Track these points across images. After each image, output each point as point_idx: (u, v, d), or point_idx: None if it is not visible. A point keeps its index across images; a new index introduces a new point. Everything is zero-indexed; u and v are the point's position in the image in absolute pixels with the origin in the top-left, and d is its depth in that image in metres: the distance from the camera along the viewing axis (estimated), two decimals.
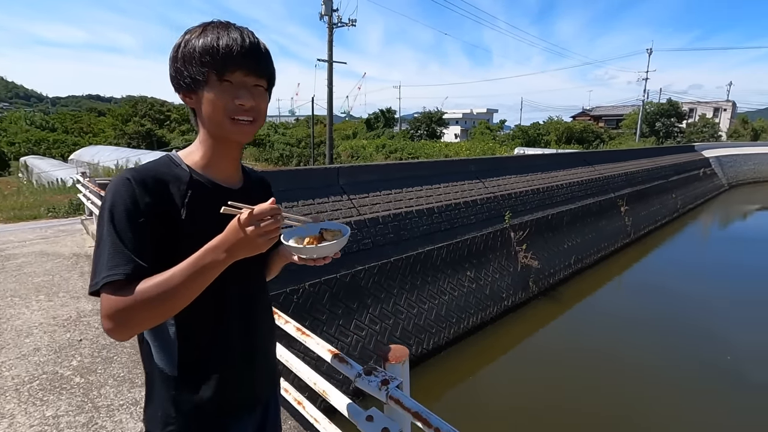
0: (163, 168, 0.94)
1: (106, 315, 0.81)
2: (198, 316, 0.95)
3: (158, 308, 0.81)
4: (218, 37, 0.89)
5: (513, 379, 8.05)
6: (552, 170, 14.62)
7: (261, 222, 0.80)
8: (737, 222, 23.61)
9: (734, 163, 35.05)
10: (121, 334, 0.83)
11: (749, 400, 7.18)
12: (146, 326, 0.87)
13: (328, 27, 17.12)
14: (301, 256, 1.02)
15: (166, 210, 0.89)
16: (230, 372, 1.01)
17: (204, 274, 0.81)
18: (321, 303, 7.37)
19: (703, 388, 7.56)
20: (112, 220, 0.85)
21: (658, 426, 6.59)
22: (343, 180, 8.84)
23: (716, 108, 55.03)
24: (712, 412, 6.88)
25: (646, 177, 20.93)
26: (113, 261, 0.82)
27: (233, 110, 0.91)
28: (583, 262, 13.55)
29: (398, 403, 1.07)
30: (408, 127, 48.85)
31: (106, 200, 0.87)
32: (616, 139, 40.00)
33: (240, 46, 0.89)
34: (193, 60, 0.89)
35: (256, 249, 0.83)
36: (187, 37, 0.92)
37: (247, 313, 1.04)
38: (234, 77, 0.90)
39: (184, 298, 0.82)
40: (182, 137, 37.49)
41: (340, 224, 1.05)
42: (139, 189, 0.86)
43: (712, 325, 9.98)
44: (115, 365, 2.89)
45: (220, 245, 0.81)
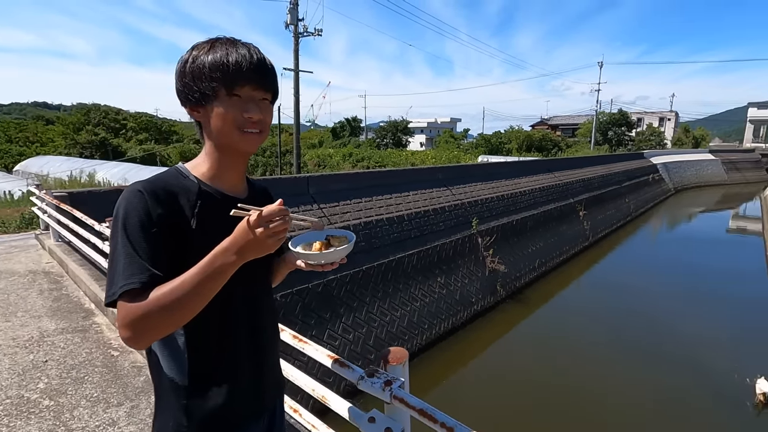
0: (172, 180, 0.97)
1: (123, 324, 0.82)
2: (207, 324, 0.97)
3: (174, 314, 0.83)
4: (227, 53, 0.92)
5: (485, 383, 8.24)
6: (515, 177, 15.17)
7: (270, 223, 0.82)
8: (683, 223, 25.28)
9: (679, 169, 37.57)
10: (139, 342, 0.84)
11: (685, 373, 7.72)
12: (163, 332, 0.88)
13: (293, 36, 17.07)
14: (309, 262, 1.06)
15: (177, 221, 0.92)
16: (240, 379, 1.03)
17: (216, 276, 0.83)
18: (293, 314, 7.28)
19: (653, 368, 8.06)
20: (125, 231, 0.87)
21: (614, 404, 6.98)
22: (313, 189, 8.82)
23: (661, 117, 58.93)
24: (657, 386, 7.34)
25: (602, 183, 22.08)
26: (129, 270, 0.84)
27: (242, 123, 0.94)
28: (546, 265, 14.08)
29: (403, 402, 1.13)
30: (374, 135, 49.18)
31: (119, 212, 0.89)
32: (572, 147, 41.94)
33: (249, 62, 0.93)
34: (202, 75, 0.92)
35: (265, 249, 0.85)
36: (195, 53, 0.94)
37: (253, 320, 1.07)
38: (243, 92, 0.93)
39: (197, 302, 0.84)
40: (140, 147, 35.96)
41: (346, 231, 1.10)
42: (151, 200, 0.89)
43: (661, 316, 10.65)
44: (88, 385, 2.77)
45: (230, 247, 0.83)
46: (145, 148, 34.64)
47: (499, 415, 7.04)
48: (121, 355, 3.22)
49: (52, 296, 4.46)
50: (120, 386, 2.78)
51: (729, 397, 7.48)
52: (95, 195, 6.39)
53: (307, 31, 17.16)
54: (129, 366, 3.05)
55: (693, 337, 9.68)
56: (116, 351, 3.28)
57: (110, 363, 3.09)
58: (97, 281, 4.47)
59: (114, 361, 3.13)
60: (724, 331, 9.93)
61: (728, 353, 8.86)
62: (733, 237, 22.19)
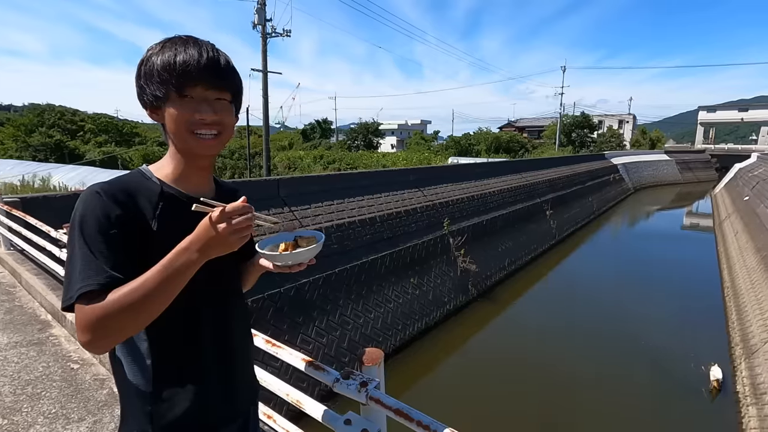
0: (134, 181, 0.95)
1: (82, 327, 0.79)
2: (170, 328, 0.94)
3: (134, 315, 0.80)
4: (176, 53, 0.89)
5: (459, 380, 8.35)
6: (484, 178, 15.48)
7: (232, 219, 0.81)
8: (642, 221, 26.53)
9: (637, 169, 39.41)
10: (99, 345, 0.82)
11: (645, 362, 8.10)
12: (123, 335, 0.85)
13: (261, 37, 16.79)
14: (276, 263, 1.04)
15: (138, 222, 0.89)
16: (207, 384, 1.00)
17: (177, 276, 0.81)
18: (265, 319, 7.15)
19: (615, 358, 8.41)
20: (82, 233, 0.84)
21: (580, 392, 7.23)
22: (284, 192, 8.70)
23: (621, 120, 61.67)
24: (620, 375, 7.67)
25: (567, 183, 22.86)
26: (85, 273, 0.81)
27: (194, 124, 0.92)
28: (516, 263, 14.44)
29: (379, 403, 1.12)
30: (345, 137, 49.01)
31: (76, 215, 0.86)
32: (538, 149, 43.20)
33: (197, 62, 0.89)
34: (153, 77, 0.90)
35: (228, 247, 0.83)
36: (148, 54, 0.92)
37: (222, 325, 1.04)
38: (194, 92, 0.91)
39: (158, 303, 0.81)
40: (99, 149, 34.37)
41: (315, 231, 1.09)
42: (110, 202, 0.86)
43: (623, 310, 11.13)
44: (45, 401, 2.61)
45: (191, 245, 0.82)
46: (105, 151, 33.14)
47: (474, 410, 7.15)
48: (82, 367, 3.06)
49: (3, 308, 4.19)
50: (81, 401, 2.64)
51: (686, 384, 7.90)
52: (51, 200, 6.06)
53: (276, 32, 16.92)
54: (90, 379, 2.90)
55: (652, 328, 10.15)
56: (76, 364, 3.12)
57: (70, 377, 2.93)
58: (53, 291, 4.23)
59: (74, 374, 2.97)
60: (680, 322, 10.47)
61: (685, 342, 9.35)
62: (688, 233, 23.49)
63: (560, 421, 7.01)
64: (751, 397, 6.92)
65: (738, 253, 14.29)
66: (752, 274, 11.62)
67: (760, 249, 12.87)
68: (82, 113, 44.73)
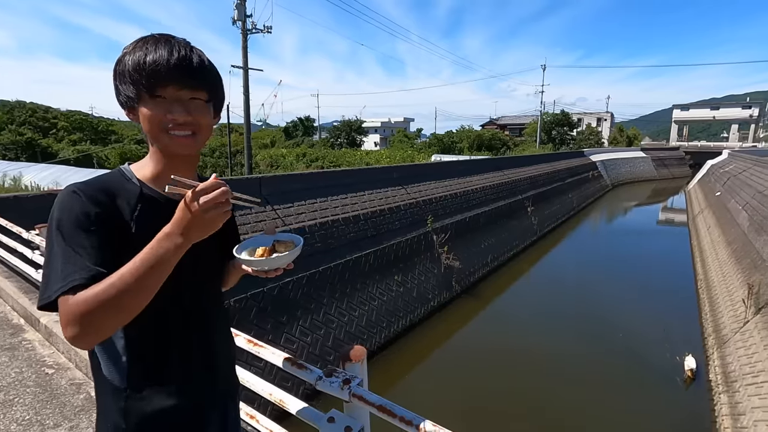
0: (113, 182, 0.93)
1: (67, 322, 0.78)
2: (147, 325, 0.93)
3: (120, 306, 0.79)
4: (146, 52, 0.88)
5: (443, 376, 8.43)
6: (467, 176, 15.62)
7: (207, 195, 0.80)
8: (620, 216, 27.20)
9: (615, 166, 40.34)
10: (86, 339, 0.80)
11: (623, 352, 8.35)
12: (111, 327, 0.83)
13: (242, 33, 16.53)
14: (254, 268, 1.04)
15: (116, 222, 0.88)
16: (184, 383, 1.00)
17: (162, 263, 0.80)
18: (248, 319, 7.07)
19: (595, 349, 8.63)
20: (61, 233, 0.82)
21: (560, 384, 7.40)
22: (266, 190, 8.60)
23: (599, 118, 63.02)
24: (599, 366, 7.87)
25: (547, 180, 23.25)
26: (68, 269, 0.80)
27: (167, 125, 0.90)
28: (498, 259, 14.63)
29: (362, 400, 1.13)
30: (328, 135, 48.72)
31: (53, 215, 0.85)
32: (520, 146, 43.78)
33: (167, 61, 0.88)
34: (125, 78, 0.89)
35: (209, 226, 0.82)
36: (122, 53, 0.91)
37: (200, 323, 1.04)
38: (166, 92, 0.89)
39: (145, 293, 0.81)
40: (73, 147, 33.32)
41: (294, 235, 1.08)
42: (88, 200, 0.85)
43: (602, 302, 11.42)
44: (18, 408, 2.52)
45: (173, 229, 0.81)
46: (80, 149, 32.15)
47: (458, 404, 7.23)
48: (57, 372, 2.97)
49: None
50: (56, 406, 2.56)
51: (661, 374, 8.15)
52: (22, 200, 5.86)
53: (256, 28, 16.68)
54: (66, 384, 2.82)
55: (630, 320, 10.44)
56: (51, 369, 3.03)
57: (44, 382, 2.84)
58: (26, 294, 4.10)
59: (49, 379, 2.88)
60: (657, 314, 10.79)
61: (661, 334, 9.64)
62: (663, 228, 24.19)
63: (543, 411, 7.15)
64: (723, 385, 7.18)
65: (710, 246, 14.79)
66: (723, 266, 12.05)
67: (730, 242, 13.35)
68: (54, 110, 43.34)
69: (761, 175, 17.93)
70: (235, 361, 1.21)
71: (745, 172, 21.28)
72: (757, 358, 6.92)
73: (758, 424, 5.66)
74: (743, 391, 6.56)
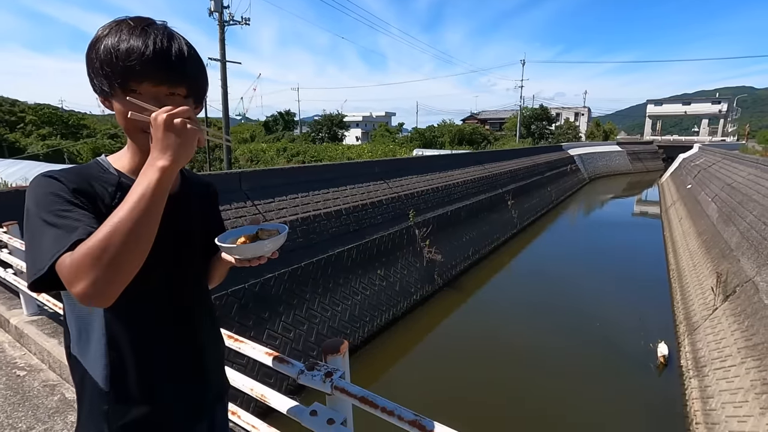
0: (90, 172, 0.88)
1: (74, 277, 0.71)
2: (130, 325, 0.90)
3: (128, 245, 0.72)
4: (119, 42, 0.80)
5: (426, 368, 8.51)
6: (449, 170, 15.72)
7: (177, 109, 0.76)
8: (596, 209, 27.87)
9: (592, 160, 41.25)
10: (103, 289, 0.72)
11: (599, 340, 8.62)
12: (124, 275, 0.74)
13: (218, 25, 16.17)
14: (236, 256, 1.00)
15: (96, 206, 0.83)
16: (170, 384, 0.97)
17: (155, 195, 0.74)
18: (229, 316, 6.99)
19: (572, 338, 8.87)
20: (41, 212, 0.76)
21: (538, 372, 7.58)
22: (246, 185, 8.48)
23: (577, 113, 64.30)
24: (576, 353, 8.11)
25: (527, 174, 23.61)
26: (58, 238, 0.73)
27: (143, 123, 0.82)
28: (480, 252, 14.81)
29: (344, 392, 1.13)
30: (309, 130, 48.28)
31: (29, 201, 0.79)
32: (500, 140, 44.32)
33: (141, 55, 0.80)
34: (96, 67, 0.83)
35: (186, 141, 0.76)
36: (95, 36, 0.83)
37: (185, 322, 1.00)
38: (142, 88, 0.83)
39: (146, 230, 0.74)
40: (43, 142, 32.04)
41: (278, 224, 1.06)
42: (64, 182, 0.80)
43: (580, 292, 11.72)
44: None
45: (152, 158, 0.76)
46: (50, 144, 30.92)
47: (440, 394, 7.32)
48: (29, 374, 2.88)
49: None
50: (29, 408, 2.48)
51: (636, 360, 8.43)
52: None
53: (234, 20, 16.34)
54: (39, 386, 2.74)
55: (607, 309, 10.74)
56: (22, 371, 2.93)
57: (15, 384, 2.75)
58: None
59: (20, 382, 2.79)
60: (631, 303, 11.13)
61: (635, 322, 9.95)
62: (637, 219, 24.91)
63: (523, 398, 7.31)
64: (693, 370, 7.48)
65: (682, 237, 15.33)
66: (694, 256, 12.50)
67: (701, 233, 13.85)
68: (22, 103, 41.53)
69: (730, 168, 18.63)
70: (224, 361, 1.18)
71: (714, 166, 22.07)
72: (725, 344, 7.22)
73: (726, 406, 5.93)
74: (712, 375, 6.85)
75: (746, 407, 5.53)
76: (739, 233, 10.85)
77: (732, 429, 5.47)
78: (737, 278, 8.75)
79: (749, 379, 5.90)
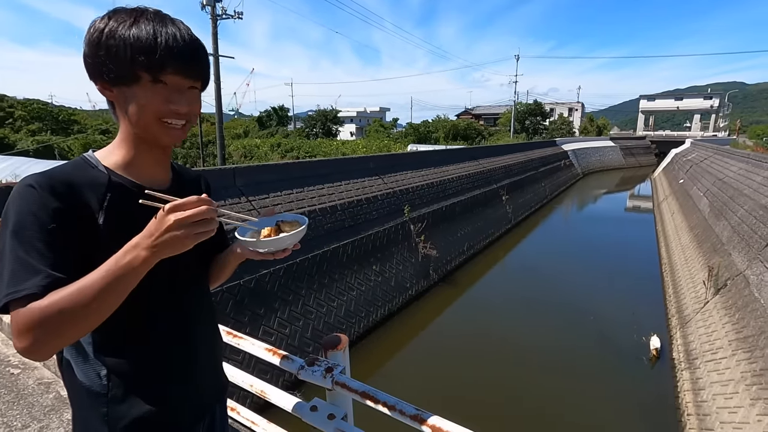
0: (76, 171, 0.85)
1: (17, 332, 0.71)
2: (121, 324, 0.86)
3: (79, 318, 0.72)
4: (155, 32, 0.80)
5: (422, 363, 8.55)
6: (443, 165, 15.73)
7: (190, 213, 0.74)
8: (590, 204, 28.05)
9: (586, 155, 41.47)
10: (39, 351, 0.73)
11: (592, 334, 8.71)
12: (67, 340, 0.76)
13: (211, 19, 15.98)
14: (259, 250, 0.99)
15: (80, 216, 0.80)
16: (167, 386, 0.95)
17: (126, 276, 0.73)
18: (224, 313, 6.97)
19: (565, 331, 8.96)
20: (14, 233, 0.74)
21: (533, 365, 7.66)
22: (240, 181, 8.43)
23: (570, 108, 64.49)
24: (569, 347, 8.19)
25: (521, 169, 23.69)
26: (18, 276, 0.72)
27: (165, 114, 0.85)
28: (474, 248, 14.87)
29: (345, 387, 1.13)
30: (303, 125, 48.03)
31: (7, 212, 0.76)
32: (494, 136, 44.40)
33: (178, 45, 0.82)
34: (122, 55, 0.80)
35: (181, 246, 0.75)
36: (113, 24, 0.80)
37: (183, 322, 0.98)
38: (169, 79, 0.83)
39: (107, 305, 0.74)
40: (32, 138, 31.63)
41: (297, 215, 1.04)
42: (46, 195, 0.77)
43: (573, 287, 11.81)
44: None
45: (139, 242, 0.74)
46: (39, 140, 30.56)
47: (436, 394, 7.36)
48: (24, 372, 2.86)
49: None
50: (24, 407, 2.46)
51: (629, 353, 8.53)
52: None
53: (226, 14, 16.16)
54: (34, 384, 2.71)
55: (600, 303, 10.84)
56: (16, 368, 2.90)
57: (10, 382, 2.73)
58: None
59: (14, 379, 2.77)
60: (625, 297, 11.24)
61: (628, 316, 10.06)
62: (630, 215, 25.12)
63: (519, 390, 7.37)
64: (685, 363, 7.59)
65: (674, 231, 15.48)
66: (686, 251, 12.64)
67: (692, 228, 14.00)
68: (10, 98, 40.91)
69: (721, 163, 18.81)
70: (222, 358, 1.17)
71: (706, 161, 22.28)
72: (716, 336, 7.32)
73: (717, 398, 6.02)
74: (703, 368, 6.95)
75: (736, 398, 5.61)
76: (730, 227, 10.97)
77: (723, 420, 5.56)
78: (728, 272, 8.86)
79: (740, 370, 5.99)
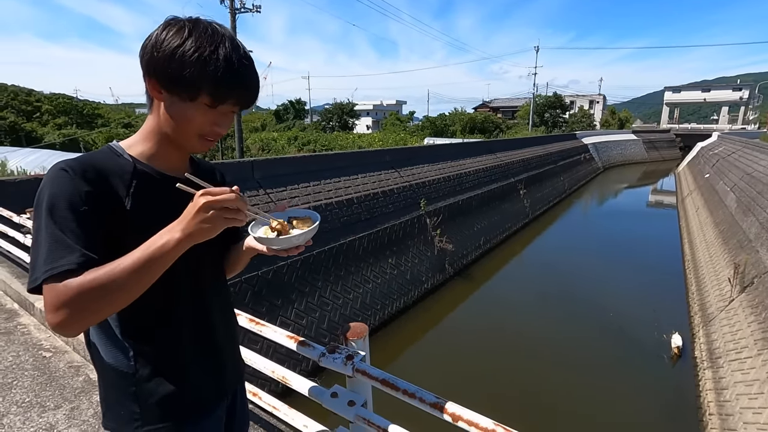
0: (104, 158, 0.89)
1: (52, 307, 0.75)
2: (145, 307, 0.90)
3: (111, 296, 0.76)
4: (229, 67, 0.84)
5: (438, 355, 8.58)
6: (460, 159, 15.60)
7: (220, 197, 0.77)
8: (610, 199, 27.46)
9: (606, 149, 40.53)
10: (70, 327, 0.76)
11: (613, 330, 8.56)
12: (99, 317, 0.80)
13: (230, 12, 16.12)
14: (272, 247, 0.99)
15: (109, 201, 0.84)
16: (192, 363, 0.99)
17: (160, 259, 0.77)
18: (243, 303, 7.11)
19: (585, 328, 8.83)
20: (50, 213, 0.78)
21: (552, 361, 7.59)
22: (258, 174, 8.54)
23: (591, 100, 62.98)
24: (589, 344, 8.08)
25: (540, 163, 23.31)
26: (56, 254, 0.76)
27: (208, 133, 0.90)
28: (491, 242, 14.75)
29: (365, 374, 1.15)
30: (319, 118, 48.17)
31: (41, 195, 0.81)
32: (512, 129, 43.72)
33: (245, 83, 0.87)
34: (194, 77, 0.83)
35: (209, 228, 0.79)
36: (192, 44, 0.83)
37: (203, 307, 1.02)
38: (224, 107, 0.88)
39: (138, 285, 0.78)
40: (58, 131, 32.56)
41: (309, 211, 1.04)
42: (78, 179, 0.81)
43: (593, 283, 11.63)
44: (17, 390, 2.53)
45: (174, 226, 0.78)
46: (65, 133, 31.45)
47: (452, 387, 7.37)
48: (55, 355, 2.98)
49: None
50: (56, 388, 2.58)
51: (649, 351, 8.38)
52: (9, 185, 5.75)
53: (245, 7, 16.27)
54: (65, 366, 2.83)
55: (620, 300, 10.65)
56: (48, 352, 3.03)
57: (42, 365, 2.85)
58: (19, 279, 4.06)
59: (47, 362, 2.89)
60: (646, 294, 11.02)
61: (649, 313, 9.86)
62: (653, 210, 24.51)
63: (536, 386, 7.33)
64: (708, 362, 7.41)
65: (698, 227, 15.05)
66: (710, 247, 12.28)
67: (718, 224, 13.58)
68: (37, 93, 42.18)
69: (750, 157, 18.15)
70: (239, 342, 1.21)
71: (733, 154, 21.52)
72: (741, 335, 7.13)
73: (740, 398, 5.87)
74: (727, 367, 6.78)
75: (761, 399, 5.47)
76: (758, 223, 10.61)
77: (746, 420, 5.43)
78: (755, 269, 8.58)
79: (765, 370, 5.82)
